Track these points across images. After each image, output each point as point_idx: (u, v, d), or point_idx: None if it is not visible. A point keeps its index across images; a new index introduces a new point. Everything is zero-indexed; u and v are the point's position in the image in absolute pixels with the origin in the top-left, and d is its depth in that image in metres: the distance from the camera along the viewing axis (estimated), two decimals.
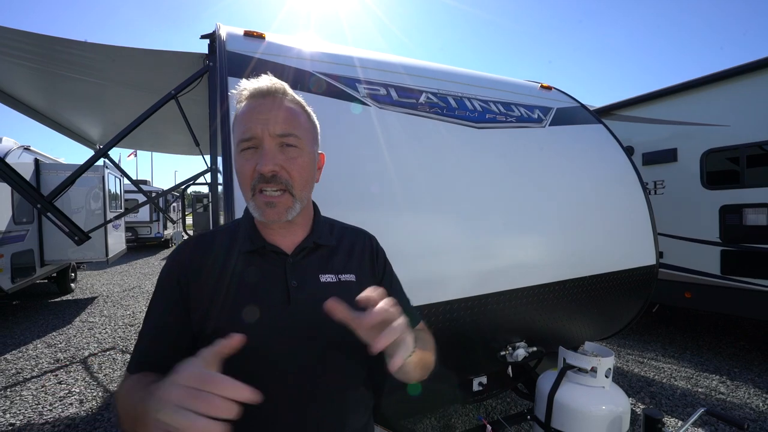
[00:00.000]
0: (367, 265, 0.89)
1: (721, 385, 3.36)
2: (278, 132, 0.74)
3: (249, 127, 0.74)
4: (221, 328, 0.71)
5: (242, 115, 0.75)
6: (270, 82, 0.77)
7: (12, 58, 2.54)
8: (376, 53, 2.25)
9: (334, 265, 0.83)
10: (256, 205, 0.75)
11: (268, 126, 0.73)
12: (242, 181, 0.76)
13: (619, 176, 2.49)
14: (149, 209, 13.36)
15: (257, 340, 0.71)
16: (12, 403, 3.18)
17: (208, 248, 0.79)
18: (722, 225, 3.71)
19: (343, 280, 0.82)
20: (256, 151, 0.74)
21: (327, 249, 0.84)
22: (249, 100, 0.76)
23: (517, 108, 2.35)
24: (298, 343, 0.74)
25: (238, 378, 0.69)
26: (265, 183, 0.73)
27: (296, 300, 0.75)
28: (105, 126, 4.26)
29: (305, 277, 0.78)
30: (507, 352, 1.89)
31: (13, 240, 5.34)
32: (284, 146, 0.75)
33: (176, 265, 0.78)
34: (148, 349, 0.74)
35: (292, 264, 0.79)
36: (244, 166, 0.74)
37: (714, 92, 3.84)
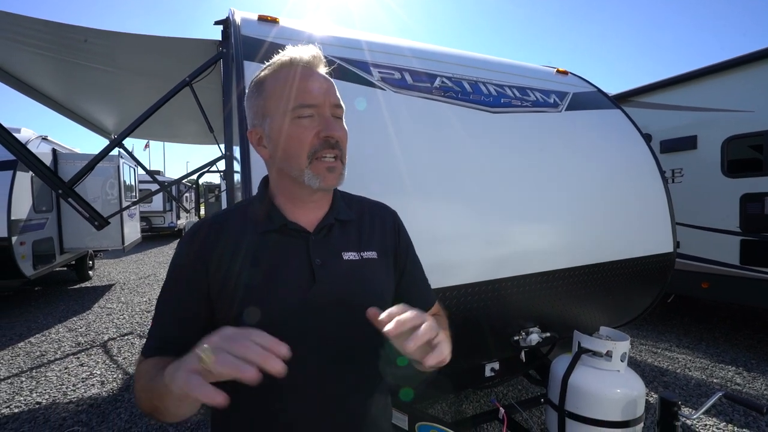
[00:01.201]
0: (390, 241, 0.87)
1: (737, 376, 3.31)
2: (335, 102, 0.75)
3: (311, 93, 0.73)
4: (246, 310, 0.70)
5: (298, 81, 0.74)
6: (315, 51, 0.76)
7: (30, 47, 2.58)
8: (389, 37, 2.23)
9: (356, 241, 0.81)
10: (314, 172, 0.73)
11: (328, 96, 0.74)
12: (298, 147, 0.73)
13: (636, 162, 2.44)
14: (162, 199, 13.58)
15: (284, 320, 0.71)
16: (38, 383, 3.30)
17: (225, 229, 0.77)
18: (743, 214, 3.62)
19: (366, 257, 0.80)
20: (312, 118, 0.73)
21: (348, 225, 0.83)
22: (294, 67, 0.75)
23: (533, 92, 2.31)
24: (324, 321, 0.73)
25: None
26: (329, 149, 0.73)
27: (321, 278, 0.74)
28: (120, 115, 4.32)
29: (328, 255, 0.77)
30: (520, 338, 1.88)
31: (34, 228, 5.49)
32: (336, 117, 0.76)
33: (192, 248, 0.75)
34: (165, 334, 0.73)
35: (315, 241, 0.77)
36: (302, 133, 0.73)
37: (737, 77, 3.72)
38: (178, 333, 0.73)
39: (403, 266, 0.88)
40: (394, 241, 0.88)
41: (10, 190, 4.94)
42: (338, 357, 0.74)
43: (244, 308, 0.70)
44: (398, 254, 0.87)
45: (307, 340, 0.72)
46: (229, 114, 1.94)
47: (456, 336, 0.84)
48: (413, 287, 0.89)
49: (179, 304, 0.74)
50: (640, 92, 4.53)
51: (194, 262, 0.74)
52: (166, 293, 0.76)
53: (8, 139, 2.14)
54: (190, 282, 0.73)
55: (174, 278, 0.76)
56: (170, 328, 0.74)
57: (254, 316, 0.70)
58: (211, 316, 0.74)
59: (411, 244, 0.93)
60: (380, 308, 0.79)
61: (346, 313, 0.74)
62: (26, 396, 3.10)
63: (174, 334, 0.73)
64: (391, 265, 0.85)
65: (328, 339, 0.73)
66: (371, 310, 0.62)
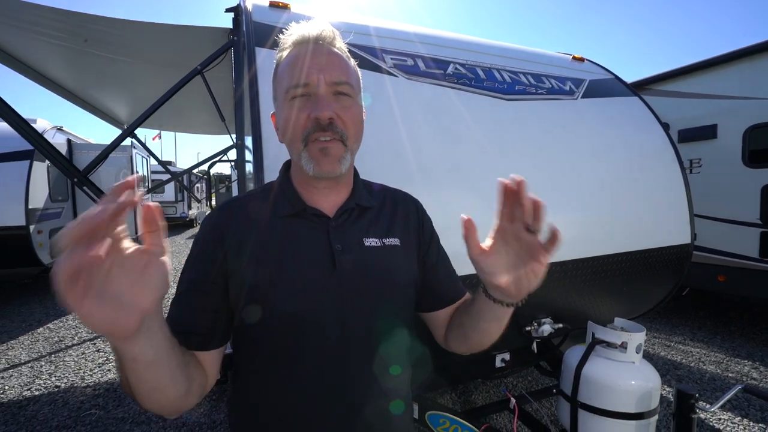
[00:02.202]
0: (413, 230, 0.84)
1: (753, 370, 3.25)
2: (334, 79, 0.69)
3: (302, 72, 0.68)
4: (264, 295, 0.69)
5: (292, 60, 0.70)
6: (321, 26, 0.72)
7: (43, 36, 2.59)
8: (401, 24, 2.19)
9: (378, 228, 0.79)
10: (309, 156, 0.70)
11: (323, 72, 0.69)
12: (293, 131, 0.70)
13: (655, 151, 2.37)
14: (174, 190, 13.75)
15: (304, 306, 0.70)
16: (56, 368, 3.40)
17: (245, 213, 0.76)
18: (764, 205, 3.51)
19: (388, 244, 0.77)
20: (308, 99, 0.69)
21: (369, 211, 0.81)
22: (298, 45, 0.71)
23: (548, 79, 2.26)
24: (345, 307, 0.71)
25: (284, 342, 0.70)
26: (321, 131, 0.68)
27: (341, 264, 0.72)
28: (132, 105, 4.36)
29: (349, 241, 0.75)
30: (532, 328, 1.86)
31: (51, 217, 5.61)
32: (338, 95, 0.70)
33: (210, 233, 0.74)
34: (182, 317, 0.70)
35: (335, 227, 0.75)
36: (296, 114, 0.69)
37: (760, 63, 3.58)
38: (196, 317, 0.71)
39: (425, 255, 0.85)
40: (417, 229, 0.85)
41: (28, 180, 5.04)
42: (359, 343, 0.73)
43: (261, 293, 0.69)
44: (421, 243, 0.85)
45: (327, 326, 0.71)
46: (240, 102, 1.93)
47: None
48: (441, 277, 0.86)
49: (197, 289, 0.72)
50: (657, 80, 4.40)
51: (211, 247, 0.72)
52: (185, 277, 0.74)
53: (26, 129, 2.17)
54: (207, 266, 0.72)
55: (192, 263, 0.74)
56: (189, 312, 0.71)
57: (271, 301, 0.69)
58: (229, 300, 0.72)
59: (435, 234, 0.90)
60: (401, 297, 0.78)
61: (366, 300, 0.73)
62: (45, 379, 3.19)
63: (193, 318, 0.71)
64: (414, 254, 0.83)
65: (348, 325, 0.72)
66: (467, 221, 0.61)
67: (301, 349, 0.70)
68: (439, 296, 0.85)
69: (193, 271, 0.72)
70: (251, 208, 0.76)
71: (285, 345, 0.70)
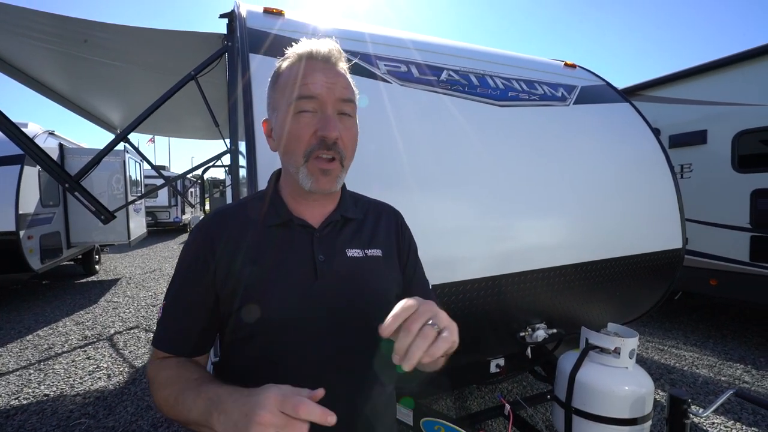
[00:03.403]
0: (394, 241, 0.87)
1: (746, 374, 3.28)
2: (341, 97, 0.72)
3: (311, 85, 0.70)
4: (248, 304, 0.71)
5: (301, 72, 0.71)
6: (331, 45, 0.74)
7: (35, 41, 2.58)
8: (395, 30, 2.20)
9: (361, 239, 0.81)
10: (309, 172, 0.72)
11: (333, 90, 0.71)
12: (295, 145, 0.71)
13: (646, 157, 2.40)
14: (168, 194, 13.65)
15: (285, 315, 0.71)
16: (46, 376, 3.34)
17: (233, 222, 0.77)
18: (753, 210, 3.56)
19: (370, 255, 0.80)
20: (314, 115, 0.71)
21: (354, 223, 0.83)
22: (308, 60, 0.72)
23: (541, 86, 2.28)
24: (327, 317, 0.73)
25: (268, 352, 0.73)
26: (325, 149, 0.70)
27: (324, 274, 0.74)
28: (125, 110, 4.33)
29: (332, 252, 0.77)
30: (526, 333, 1.87)
31: (42, 222, 5.54)
32: (341, 114, 0.73)
33: (200, 240, 0.76)
34: (174, 325, 0.75)
35: (319, 238, 0.77)
36: (300, 129, 0.70)
37: (749, 70, 3.65)
38: (189, 324, 0.74)
39: (404, 266, 0.88)
40: (399, 241, 0.88)
41: (18, 185, 4.97)
42: (341, 353, 0.74)
43: (246, 302, 0.71)
44: (401, 254, 0.88)
45: (309, 336, 0.72)
46: (234, 107, 1.93)
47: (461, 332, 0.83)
48: (415, 289, 0.89)
49: (188, 296, 0.75)
50: (648, 86, 4.46)
51: (202, 254, 0.74)
52: (176, 284, 0.76)
53: (16, 134, 2.14)
54: (197, 273, 0.74)
55: (183, 270, 0.76)
56: (181, 320, 0.75)
57: (256, 310, 0.70)
58: (218, 307, 0.74)
59: (414, 245, 0.93)
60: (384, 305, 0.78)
61: (349, 310, 0.75)
62: (34, 388, 3.13)
63: (185, 325, 0.74)
64: (396, 264, 0.85)
65: (330, 335, 0.73)
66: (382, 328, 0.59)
67: (287, 357, 0.72)
68: None
69: (184, 291, 0.75)
70: (240, 219, 0.78)
71: (271, 353, 0.72)
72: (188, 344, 0.75)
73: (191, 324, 0.74)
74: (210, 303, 0.74)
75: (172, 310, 0.76)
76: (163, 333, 0.75)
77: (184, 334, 0.74)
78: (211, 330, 0.76)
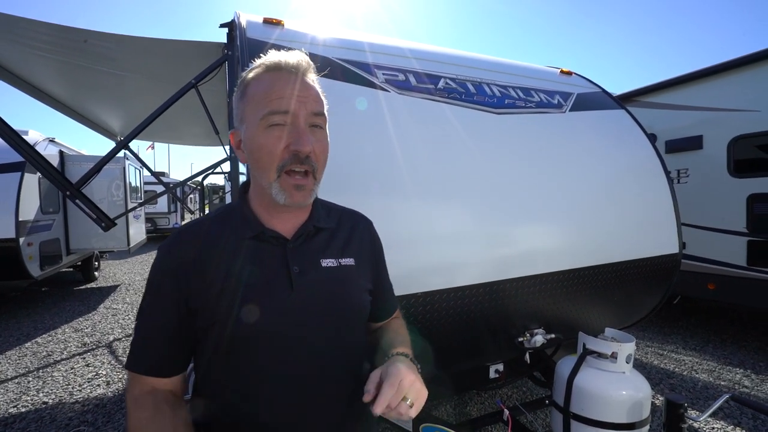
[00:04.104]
0: (366, 249, 0.88)
1: (745, 378, 3.28)
2: (313, 110, 0.71)
3: (283, 100, 0.68)
4: (224, 319, 0.70)
5: (269, 85, 0.70)
6: (300, 57, 0.73)
7: (37, 50, 2.61)
8: (394, 39, 2.23)
9: (334, 248, 0.81)
10: (281, 187, 0.71)
11: (305, 104, 0.70)
12: (267, 160, 0.70)
13: (641, 163, 2.43)
14: (167, 200, 13.66)
15: (262, 329, 0.70)
16: (44, 383, 3.33)
17: (205, 237, 0.76)
18: (749, 214, 3.58)
19: (344, 264, 0.80)
20: (284, 128, 0.69)
21: (326, 232, 0.82)
22: (276, 71, 0.71)
23: (537, 93, 2.31)
24: (304, 328, 0.73)
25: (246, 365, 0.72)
26: (298, 164, 0.69)
27: (299, 285, 0.73)
28: (125, 117, 4.36)
29: (307, 262, 0.76)
30: (525, 339, 1.88)
31: (41, 229, 5.54)
32: (312, 127, 0.72)
33: (172, 258, 0.74)
34: (147, 346, 0.74)
35: (293, 249, 0.76)
36: (272, 144, 0.69)
37: (743, 76, 3.69)
38: (162, 344, 0.73)
39: (377, 274, 0.90)
40: (370, 249, 0.89)
41: (18, 192, 4.99)
42: (319, 364, 0.74)
43: (221, 318, 0.70)
44: (374, 262, 0.89)
45: (287, 348, 0.72)
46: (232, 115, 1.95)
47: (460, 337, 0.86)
48: (381, 295, 0.92)
49: (159, 315, 0.73)
50: (645, 92, 4.51)
51: (171, 271, 0.73)
52: (147, 303, 0.75)
53: (17, 141, 2.17)
54: (168, 291, 0.73)
55: (153, 288, 0.75)
56: (154, 340, 0.73)
57: (231, 325, 0.70)
58: (193, 324, 0.73)
59: (382, 253, 0.95)
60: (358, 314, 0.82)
61: (325, 320, 0.75)
62: (33, 396, 3.12)
63: (158, 345, 0.73)
64: (368, 272, 0.86)
65: (308, 346, 0.73)
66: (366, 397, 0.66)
67: (265, 370, 0.72)
68: (374, 314, 0.90)
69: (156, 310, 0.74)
70: (210, 234, 0.77)
71: (249, 366, 0.71)
72: (163, 365, 0.74)
73: (164, 344, 0.73)
74: (182, 321, 0.72)
75: (144, 331, 0.74)
76: (137, 354, 0.74)
77: (158, 354, 0.73)
78: (185, 348, 0.75)
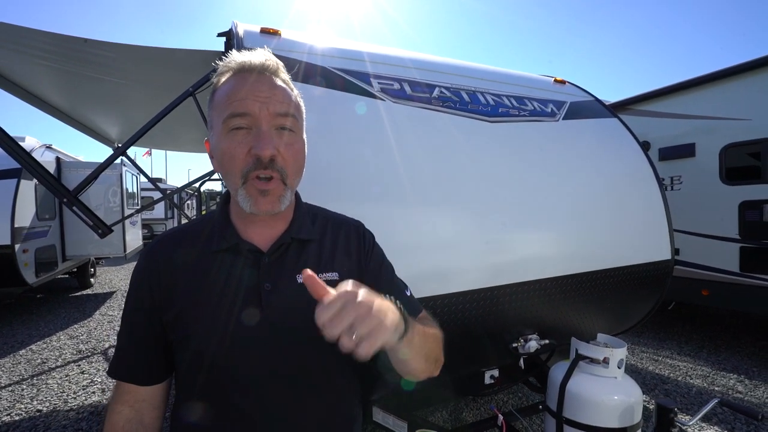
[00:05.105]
0: (355, 260, 0.80)
1: (738, 384, 3.30)
2: (278, 111, 0.66)
3: (243, 102, 0.65)
4: (191, 335, 0.68)
5: (232, 88, 0.66)
6: (265, 56, 0.69)
7: (35, 58, 2.63)
8: (389, 48, 2.27)
9: (315, 262, 0.74)
10: (247, 194, 0.67)
11: (267, 105, 0.65)
12: (231, 166, 0.66)
13: (634, 170, 2.46)
14: (164, 207, 13.64)
15: (228, 349, 0.67)
16: (39, 391, 3.30)
17: (180, 247, 0.73)
18: (742, 221, 3.63)
19: (325, 279, 0.70)
20: (248, 132, 0.65)
21: (308, 244, 0.76)
22: (240, 73, 0.68)
23: (531, 102, 2.35)
24: (273, 351, 0.69)
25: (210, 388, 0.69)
26: (262, 169, 0.65)
27: (269, 305, 0.68)
28: (122, 124, 4.38)
29: (281, 279, 0.71)
30: (519, 344, 1.89)
31: (37, 235, 5.52)
32: (280, 129, 0.67)
33: (146, 265, 0.73)
34: (128, 353, 0.74)
35: (268, 264, 0.71)
36: (234, 148, 0.65)
37: (735, 85, 3.76)
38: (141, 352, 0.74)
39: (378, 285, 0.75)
40: (361, 260, 0.80)
41: (14, 198, 4.98)
42: (292, 385, 0.70)
43: (185, 333, 0.69)
44: (366, 274, 0.79)
45: (258, 369, 0.69)
46: None
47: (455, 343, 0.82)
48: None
49: (137, 324, 0.74)
50: (638, 100, 4.57)
51: (146, 280, 0.72)
52: (126, 311, 0.75)
53: (13, 148, 2.18)
54: (144, 300, 0.72)
55: (131, 297, 0.75)
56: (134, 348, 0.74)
57: (195, 343, 0.68)
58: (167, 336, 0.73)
59: (384, 261, 0.85)
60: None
61: (297, 340, 0.69)
62: (27, 404, 3.10)
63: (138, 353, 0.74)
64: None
65: (279, 367, 0.69)
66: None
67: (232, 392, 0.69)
68: None
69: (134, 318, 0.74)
70: (187, 244, 0.74)
71: (215, 385, 0.69)
72: (143, 373, 0.74)
73: (143, 352, 0.73)
74: (158, 330, 0.72)
75: (125, 339, 0.75)
76: (118, 362, 0.74)
77: (138, 362, 0.73)
78: (165, 357, 0.74)
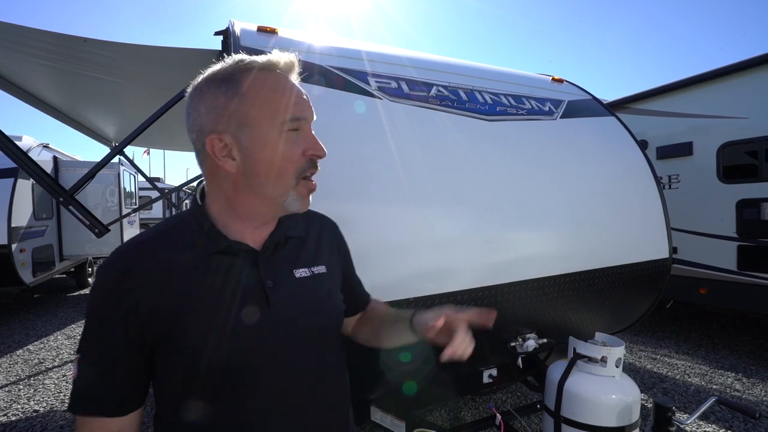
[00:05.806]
0: (336, 253, 0.87)
1: (736, 382, 3.30)
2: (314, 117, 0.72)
3: (301, 105, 0.68)
4: (197, 344, 0.64)
5: (284, 88, 0.68)
6: (294, 57, 0.71)
7: (32, 57, 2.61)
8: (387, 47, 2.26)
9: (306, 257, 0.78)
10: (298, 195, 0.68)
11: (312, 108, 0.71)
12: (285, 167, 0.66)
13: (631, 169, 2.46)
14: (162, 206, 13.61)
15: (241, 349, 0.66)
16: (36, 391, 3.29)
17: (157, 253, 0.67)
18: (739, 220, 3.64)
19: (316, 272, 0.77)
20: (299, 133, 0.68)
21: (296, 241, 0.78)
22: (287, 75, 0.70)
23: (528, 101, 2.35)
24: (283, 343, 0.70)
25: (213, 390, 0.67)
26: (314, 169, 0.69)
27: (275, 301, 0.69)
28: (120, 123, 4.36)
29: (280, 275, 0.72)
30: (517, 343, 1.89)
31: (34, 235, 5.51)
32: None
33: (114, 278, 0.65)
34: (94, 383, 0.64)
35: (265, 262, 0.71)
36: (292, 149, 0.67)
37: (732, 84, 3.76)
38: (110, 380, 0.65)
39: (346, 274, 0.90)
40: (338, 252, 0.88)
41: (11, 198, 4.96)
42: (300, 376, 0.72)
43: (197, 343, 0.64)
44: (342, 265, 0.88)
45: (268, 364, 0.69)
46: None
47: None
48: (354, 289, 0.94)
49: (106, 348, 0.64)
50: (636, 99, 4.58)
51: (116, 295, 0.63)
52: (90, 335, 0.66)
53: (10, 147, 2.17)
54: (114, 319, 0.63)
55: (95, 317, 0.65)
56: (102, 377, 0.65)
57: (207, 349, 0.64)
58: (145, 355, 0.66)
59: (349, 252, 0.94)
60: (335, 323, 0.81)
61: (304, 332, 0.73)
62: (24, 404, 3.09)
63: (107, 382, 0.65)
64: (338, 278, 0.85)
65: (288, 360, 0.71)
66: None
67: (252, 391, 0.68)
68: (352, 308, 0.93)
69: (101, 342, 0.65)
70: (165, 249, 0.68)
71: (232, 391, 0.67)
72: (114, 403, 0.65)
73: (113, 379, 0.65)
74: (135, 352, 0.64)
75: (89, 367, 0.65)
76: (83, 394, 0.65)
77: (107, 392, 0.64)
78: (140, 381, 0.68)
